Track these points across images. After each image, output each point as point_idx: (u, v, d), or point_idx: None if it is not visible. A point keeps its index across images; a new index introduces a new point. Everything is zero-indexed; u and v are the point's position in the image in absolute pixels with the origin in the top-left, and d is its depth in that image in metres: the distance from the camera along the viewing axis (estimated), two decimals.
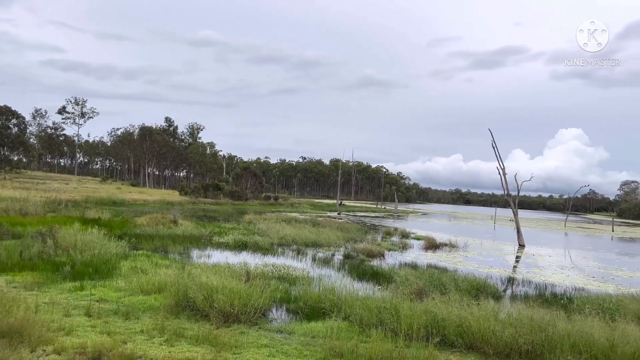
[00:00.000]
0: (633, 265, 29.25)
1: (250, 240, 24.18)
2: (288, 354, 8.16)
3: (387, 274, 16.98)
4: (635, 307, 12.69)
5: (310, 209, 77.71)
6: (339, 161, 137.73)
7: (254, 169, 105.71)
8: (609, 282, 21.01)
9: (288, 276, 15.21)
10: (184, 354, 7.70)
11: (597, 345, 8.28)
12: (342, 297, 11.48)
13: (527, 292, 16.86)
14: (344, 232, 32.47)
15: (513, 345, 8.69)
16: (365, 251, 23.74)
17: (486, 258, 27.44)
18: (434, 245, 30.58)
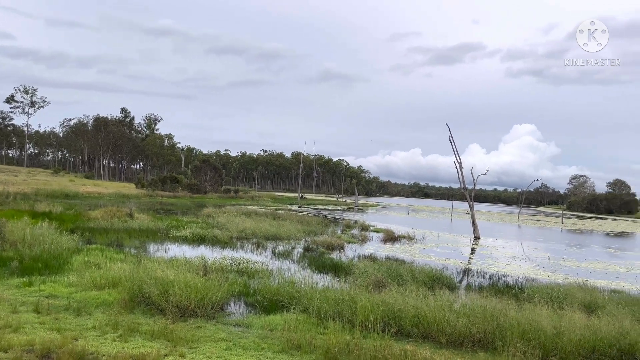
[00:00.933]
0: (580, 255, 30.57)
1: (209, 234, 23.88)
2: (246, 347, 8.11)
3: (347, 266, 17.12)
4: (581, 295, 13.28)
5: (271, 202, 77.38)
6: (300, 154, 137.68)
7: (214, 162, 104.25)
8: (557, 272, 21.89)
9: (247, 270, 15.12)
10: (138, 349, 7.54)
11: (544, 332, 8.62)
12: (301, 290, 11.50)
13: (481, 282, 17.36)
14: (305, 225, 32.51)
15: (466, 334, 8.94)
16: (325, 244, 23.86)
17: (443, 250, 28.08)
18: (392, 238, 31.05)
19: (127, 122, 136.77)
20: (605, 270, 23.64)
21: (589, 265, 25.58)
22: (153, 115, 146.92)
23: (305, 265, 17.96)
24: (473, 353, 8.35)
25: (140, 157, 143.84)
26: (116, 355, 7.16)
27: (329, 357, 7.68)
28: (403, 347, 7.72)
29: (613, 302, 12.63)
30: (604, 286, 17.35)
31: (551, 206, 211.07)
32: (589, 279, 18.97)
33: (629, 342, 8.89)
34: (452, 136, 42.98)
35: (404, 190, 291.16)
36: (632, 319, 10.16)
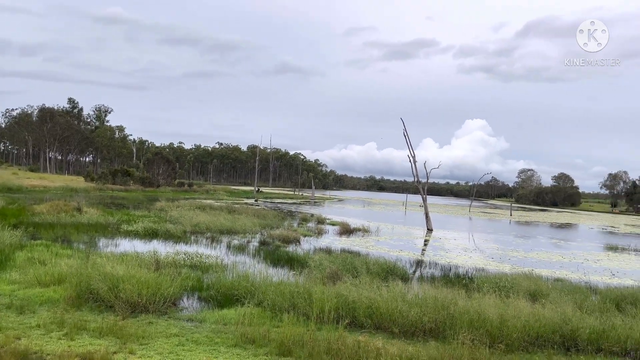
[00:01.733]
0: (527, 246, 31.83)
1: (162, 228, 23.36)
2: (198, 342, 8.00)
3: (302, 259, 17.15)
4: (527, 284, 13.82)
5: (226, 196, 76.42)
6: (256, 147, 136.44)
7: (167, 155, 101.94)
8: (506, 262, 22.71)
9: (201, 264, 14.88)
10: (85, 347, 7.30)
11: (492, 320, 8.92)
12: (256, 284, 11.43)
13: (434, 273, 17.79)
14: (261, 218, 32.32)
15: (418, 324, 9.14)
16: (281, 237, 23.80)
17: (397, 242, 28.58)
18: (348, 231, 31.33)
19: (75, 113, 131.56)
20: (550, 260, 24.72)
21: (535, 255, 26.66)
22: (103, 106, 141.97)
23: (260, 259, 17.87)
24: (424, 342, 8.55)
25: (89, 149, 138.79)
26: (62, 354, 6.90)
27: (283, 349, 7.68)
28: (356, 338, 7.81)
29: (556, 290, 13.24)
30: (548, 275, 18.13)
31: (501, 199, 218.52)
32: (534, 268, 19.75)
33: (571, 328, 9.35)
34: (406, 130, 43.73)
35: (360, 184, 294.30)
36: (573, 306, 10.69)
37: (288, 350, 7.66)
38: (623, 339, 9.09)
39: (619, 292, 13.85)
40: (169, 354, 7.37)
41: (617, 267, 23.71)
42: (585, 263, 24.31)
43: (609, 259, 27.47)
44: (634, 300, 12.61)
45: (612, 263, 25.23)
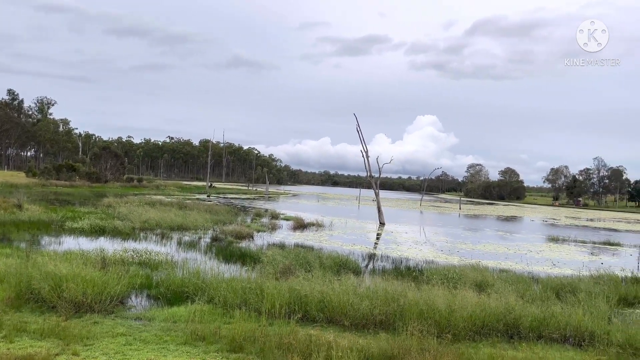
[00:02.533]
0: (475, 239, 32.89)
1: (109, 225, 22.62)
2: (147, 341, 7.81)
3: (255, 254, 17.03)
4: (474, 275, 14.28)
5: (177, 191, 74.80)
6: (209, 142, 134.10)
7: (115, 149, 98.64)
8: (454, 254, 23.38)
9: (150, 261, 14.52)
10: (25, 349, 6.98)
11: (440, 311, 9.17)
12: (207, 280, 11.26)
13: (385, 266, 18.09)
14: (213, 214, 31.86)
15: (369, 317, 9.27)
16: (234, 233, 23.54)
17: (350, 236, 28.88)
18: (302, 225, 31.37)
19: (15, 105, 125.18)
20: (496, 252, 25.64)
21: (482, 247, 27.59)
22: (46, 99, 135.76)
23: (212, 255, 17.63)
24: (375, 334, 8.68)
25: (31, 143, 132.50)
26: (0, 356, 6.57)
27: (234, 346, 7.61)
28: (308, 332, 7.84)
29: (501, 280, 13.74)
30: (494, 266, 18.78)
31: (450, 193, 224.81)
32: (481, 260, 20.41)
33: (514, 316, 9.73)
34: (359, 126, 44.18)
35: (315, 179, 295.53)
36: (516, 296, 11.14)
37: (239, 347, 7.60)
38: (562, 326, 9.55)
39: (559, 281, 14.55)
40: (115, 354, 7.16)
41: (558, 257, 24.88)
42: (528, 254, 25.37)
43: (551, 249, 28.79)
44: (573, 288, 13.28)
45: (553, 254, 26.45)
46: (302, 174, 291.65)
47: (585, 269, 18.78)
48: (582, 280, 14.85)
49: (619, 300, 13.09)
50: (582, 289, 12.91)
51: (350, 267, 15.79)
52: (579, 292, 12.54)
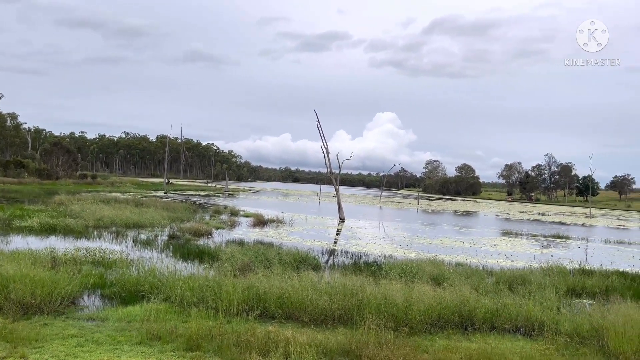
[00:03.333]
0: (432, 233, 33.58)
1: (61, 224, 21.81)
2: (99, 342, 7.58)
3: (214, 252, 16.80)
4: (430, 269, 14.58)
5: (133, 188, 72.93)
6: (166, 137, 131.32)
7: (67, 145, 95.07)
8: (412, 249, 23.79)
9: (104, 260, 14.10)
10: None
11: (397, 305, 9.31)
12: (163, 279, 11.04)
13: (345, 261, 18.20)
14: (170, 211, 31.24)
15: (328, 312, 9.32)
16: (192, 230, 23.16)
17: (310, 232, 28.93)
18: (262, 222, 31.22)
19: None
20: (452, 246, 26.26)
21: (439, 241, 28.19)
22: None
23: (169, 253, 17.28)
24: (333, 329, 8.73)
25: None
26: None
27: (191, 344, 7.49)
28: (266, 329, 7.81)
29: (457, 274, 14.07)
30: (450, 260, 19.23)
31: (409, 189, 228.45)
32: (438, 254, 20.88)
33: (469, 308, 9.99)
34: (319, 122, 44.27)
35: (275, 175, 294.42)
36: (471, 289, 11.44)
37: (196, 345, 7.49)
38: (514, 317, 9.88)
39: (511, 274, 15.03)
40: (66, 356, 6.93)
41: (511, 250, 25.72)
42: (483, 248, 26.10)
43: (504, 243, 29.72)
44: (524, 280, 13.75)
45: (507, 247, 27.32)
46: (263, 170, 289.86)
47: (536, 262, 19.49)
48: (533, 273, 15.39)
49: (567, 290, 13.64)
50: (532, 281, 13.37)
51: (310, 263, 15.82)
52: (530, 283, 12.98)
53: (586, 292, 14.17)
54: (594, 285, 14.58)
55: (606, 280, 15.34)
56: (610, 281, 15.16)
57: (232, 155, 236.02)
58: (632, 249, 30.63)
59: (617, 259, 24.32)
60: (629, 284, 15.33)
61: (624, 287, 14.38)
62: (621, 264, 21.78)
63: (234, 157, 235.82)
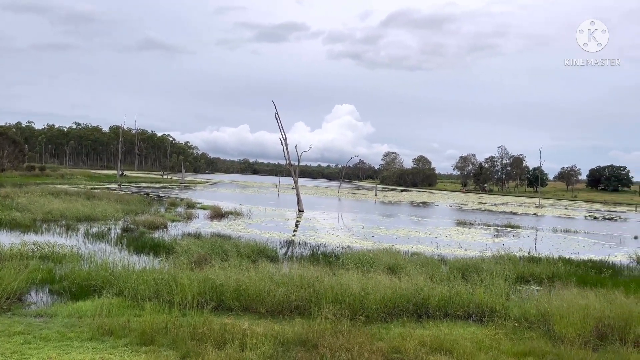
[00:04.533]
0: (389, 224, 34.11)
1: (5, 217, 20.87)
2: (48, 338, 7.33)
3: (169, 245, 16.50)
4: (387, 259, 14.81)
5: (85, 180, 70.51)
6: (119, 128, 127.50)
7: (13, 135, 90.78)
8: (369, 239, 24.10)
9: (53, 255, 13.58)
10: None
11: (353, 294, 9.43)
12: (116, 273, 10.77)
13: (303, 253, 18.26)
14: (124, 204, 30.42)
15: (285, 303, 9.33)
16: (146, 223, 22.63)
17: (269, 224, 28.84)
18: (219, 214, 30.86)
19: None
20: (408, 236, 26.77)
21: (396, 232, 28.68)
22: None
23: (123, 246, 16.86)
24: (291, 320, 8.76)
25: None
26: None
27: (145, 339, 7.35)
28: (222, 321, 7.75)
29: (412, 263, 14.35)
30: (406, 250, 19.58)
31: (367, 180, 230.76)
32: (394, 244, 21.21)
33: (423, 297, 10.23)
34: (277, 113, 44.04)
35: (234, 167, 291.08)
36: (425, 277, 11.69)
37: (150, 339, 7.35)
38: (466, 304, 10.18)
39: (465, 262, 15.48)
40: (12, 354, 6.66)
41: (464, 240, 26.46)
42: (438, 237, 26.74)
43: (458, 233, 30.55)
44: (476, 268, 14.18)
45: (461, 236, 28.10)
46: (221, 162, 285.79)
47: (488, 250, 20.13)
48: (485, 261, 15.91)
49: (517, 278, 14.15)
50: (484, 269, 13.81)
51: (268, 255, 15.78)
52: (481, 272, 13.40)
53: (534, 278, 14.78)
54: (542, 272, 15.21)
55: (553, 267, 16.02)
56: (556, 268, 15.84)
57: (189, 146, 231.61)
58: (578, 237, 32.12)
59: (564, 247, 25.44)
60: (573, 270, 16.09)
61: (569, 274, 15.07)
62: (567, 252, 22.77)
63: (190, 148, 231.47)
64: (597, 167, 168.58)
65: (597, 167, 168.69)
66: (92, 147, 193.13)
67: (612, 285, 12.79)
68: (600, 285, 13.02)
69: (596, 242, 29.56)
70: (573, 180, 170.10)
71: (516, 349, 7.85)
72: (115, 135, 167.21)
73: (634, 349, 7.93)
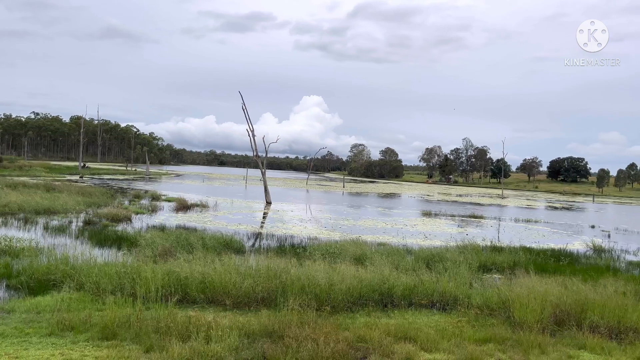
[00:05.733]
0: (357, 215, 34.37)
1: None
2: (5, 334, 7.09)
3: (133, 237, 16.18)
4: (353, 249, 14.93)
5: (45, 172, 68.24)
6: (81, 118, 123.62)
7: None
8: (337, 230, 24.23)
9: (10, 249, 13.12)
10: None
11: (320, 285, 9.46)
12: (77, 266, 10.51)
13: (270, 244, 18.21)
14: (86, 196, 29.64)
15: (251, 295, 9.29)
16: (109, 216, 22.13)
17: (236, 216, 28.62)
18: (185, 206, 30.44)
19: None
20: (375, 227, 27.04)
21: (363, 223, 28.92)
22: None
23: (84, 239, 16.43)
24: (257, 311, 8.73)
25: None
26: None
27: (107, 333, 7.20)
28: (187, 314, 7.66)
29: (378, 253, 14.51)
30: (372, 240, 19.77)
31: (335, 172, 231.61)
32: (361, 235, 21.43)
33: (388, 286, 10.36)
34: (244, 104, 43.57)
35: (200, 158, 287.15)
36: (391, 267, 11.85)
37: (112, 334, 7.20)
38: (430, 293, 10.37)
39: (429, 252, 15.73)
40: None
41: (430, 230, 26.91)
42: (404, 228, 27.10)
43: (424, 223, 31.04)
44: (441, 258, 14.44)
45: (426, 227, 28.56)
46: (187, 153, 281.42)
47: (452, 240, 20.53)
48: (449, 250, 16.23)
49: (479, 266, 14.51)
50: (448, 259, 14.09)
51: (234, 247, 15.68)
52: (446, 261, 13.67)
53: (496, 267, 15.16)
54: (503, 261, 15.63)
55: (514, 256, 16.49)
56: (517, 257, 16.32)
57: (154, 137, 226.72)
58: (538, 227, 33.13)
59: (525, 236, 26.20)
60: (534, 258, 16.60)
61: (529, 262, 15.52)
62: (528, 241, 23.48)
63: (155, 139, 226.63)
64: (557, 159, 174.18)
65: (557, 158, 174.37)
66: (52, 138, 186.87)
67: (570, 272, 13.26)
68: (559, 272, 13.50)
69: (555, 232, 30.56)
70: (534, 171, 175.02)
71: (478, 335, 8.04)
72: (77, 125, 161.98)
73: (590, 334, 8.23)
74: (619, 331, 8.52)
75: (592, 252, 20.55)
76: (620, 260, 19.16)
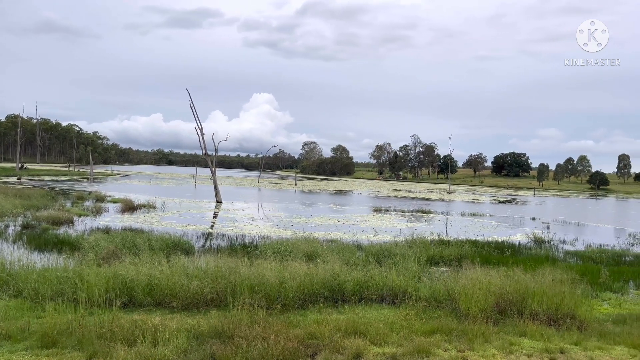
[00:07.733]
0: (309, 213, 34.45)
1: None
2: None
3: (75, 241, 15.58)
4: (305, 247, 14.95)
5: None
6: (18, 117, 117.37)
7: None
8: (289, 228, 24.20)
9: None
10: None
11: (270, 284, 9.41)
12: (13, 272, 10.00)
13: (220, 244, 17.97)
14: (24, 199, 28.23)
15: (199, 296, 9.12)
16: (50, 219, 21.18)
17: (184, 216, 28.05)
18: (131, 208, 29.53)
19: None
20: (327, 224, 27.20)
21: (315, 220, 29.02)
22: None
23: (22, 244, 15.68)
24: (206, 312, 8.58)
25: None
26: None
27: (47, 341, 6.87)
28: (133, 318, 7.43)
29: (329, 250, 14.61)
30: (324, 237, 19.90)
31: (287, 170, 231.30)
32: (313, 232, 21.50)
33: (339, 282, 10.44)
34: (192, 102, 42.77)
35: (147, 158, 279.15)
36: (341, 263, 11.95)
37: (53, 341, 6.88)
38: (380, 287, 10.53)
39: (379, 247, 16.00)
40: None
41: (380, 226, 27.34)
42: (355, 224, 27.41)
43: (374, 219, 31.50)
44: (390, 253, 14.71)
45: (376, 223, 29.00)
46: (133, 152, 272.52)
47: (401, 235, 20.97)
48: (398, 245, 16.55)
49: (428, 260, 14.87)
50: (397, 253, 14.36)
51: (182, 248, 15.39)
52: (395, 255, 13.92)
53: (444, 260, 15.59)
54: (450, 254, 16.09)
55: (460, 249, 17.01)
56: (463, 250, 16.85)
57: (98, 136, 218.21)
58: (483, 220, 34.33)
59: (471, 230, 27.08)
60: (479, 251, 17.19)
61: (475, 254, 16.07)
62: (473, 234, 24.29)
63: (99, 138, 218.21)
64: (500, 154, 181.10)
65: (501, 154, 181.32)
66: None
67: (512, 263, 13.82)
68: (502, 264, 14.04)
69: (499, 224, 31.77)
70: (480, 166, 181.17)
71: (425, 327, 8.24)
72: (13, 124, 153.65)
73: (530, 321, 8.60)
74: (557, 318, 8.93)
75: (532, 243, 21.50)
76: (558, 250, 20.15)
